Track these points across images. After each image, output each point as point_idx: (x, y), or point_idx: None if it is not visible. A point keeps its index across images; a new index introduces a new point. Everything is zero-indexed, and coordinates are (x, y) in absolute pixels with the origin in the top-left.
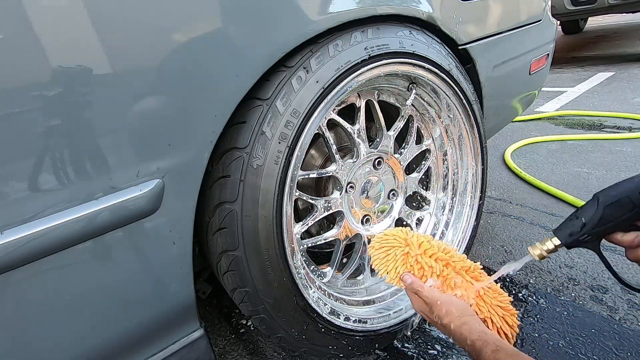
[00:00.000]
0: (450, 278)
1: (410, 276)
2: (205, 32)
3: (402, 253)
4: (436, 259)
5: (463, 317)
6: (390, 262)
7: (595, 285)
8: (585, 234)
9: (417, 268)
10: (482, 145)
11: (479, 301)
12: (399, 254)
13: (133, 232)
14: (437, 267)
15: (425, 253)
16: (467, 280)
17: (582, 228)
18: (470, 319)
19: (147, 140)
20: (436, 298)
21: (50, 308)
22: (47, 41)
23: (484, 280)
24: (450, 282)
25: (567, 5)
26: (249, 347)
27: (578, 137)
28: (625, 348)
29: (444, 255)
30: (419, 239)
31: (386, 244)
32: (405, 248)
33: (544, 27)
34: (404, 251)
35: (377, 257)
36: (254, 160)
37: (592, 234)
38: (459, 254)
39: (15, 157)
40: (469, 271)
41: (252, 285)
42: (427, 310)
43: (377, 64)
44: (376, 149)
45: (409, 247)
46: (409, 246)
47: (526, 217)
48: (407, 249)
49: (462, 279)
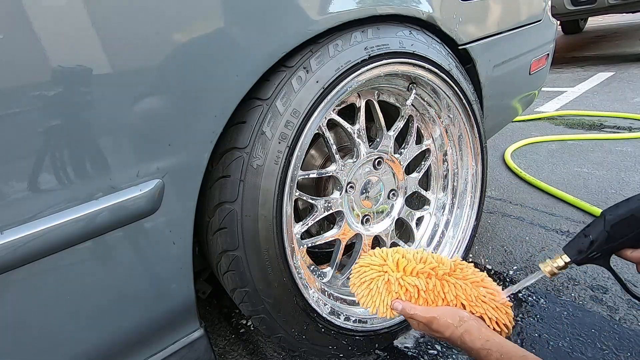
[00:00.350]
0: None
1: (399, 303)
2: (205, 32)
3: (383, 282)
4: (417, 274)
5: (461, 325)
6: (375, 297)
7: (595, 285)
8: (594, 252)
9: (403, 292)
10: (482, 145)
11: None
12: (381, 284)
13: (133, 232)
14: (421, 283)
15: (405, 271)
16: (452, 283)
17: (590, 246)
18: (469, 324)
19: (147, 140)
20: (430, 314)
21: (50, 308)
22: (47, 41)
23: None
24: (438, 292)
25: (567, 5)
26: (249, 347)
27: (578, 137)
28: (625, 348)
29: (422, 266)
30: (394, 257)
31: (365, 277)
32: (384, 275)
33: (544, 27)
34: (385, 279)
35: (361, 295)
36: (254, 160)
37: (600, 252)
38: (435, 256)
39: (15, 157)
40: (451, 272)
41: (252, 285)
42: (428, 329)
43: (377, 64)
44: (376, 149)
45: (387, 273)
46: (387, 272)
47: (526, 217)
48: (386, 275)
49: (448, 284)
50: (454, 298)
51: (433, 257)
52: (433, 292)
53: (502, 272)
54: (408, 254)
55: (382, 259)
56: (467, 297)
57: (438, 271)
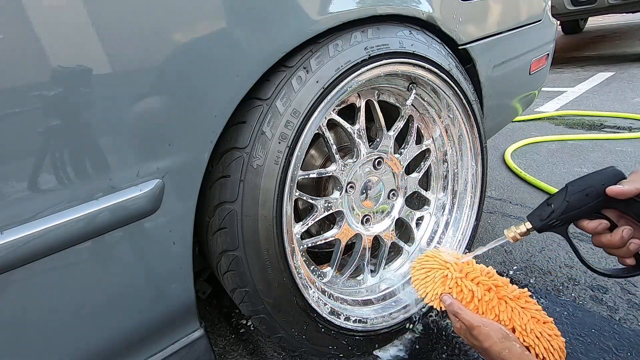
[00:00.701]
0: (493, 304)
1: (449, 297)
2: (205, 32)
3: (441, 275)
4: (478, 283)
5: (503, 342)
6: (429, 284)
7: (595, 285)
8: (554, 220)
9: (457, 291)
10: (482, 145)
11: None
12: (438, 276)
13: (133, 232)
14: (479, 290)
15: (467, 276)
16: (512, 307)
17: (551, 214)
18: (512, 345)
19: (147, 140)
20: (476, 321)
21: (50, 308)
22: (47, 41)
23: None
24: (492, 307)
25: (567, 5)
26: (249, 347)
27: (578, 137)
28: (625, 348)
29: (486, 279)
30: (460, 262)
31: (426, 265)
32: (445, 270)
33: (544, 27)
34: (444, 274)
35: (416, 277)
36: (254, 160)
37: (560, 220)
38: (503, 279)
39: (15, 157)
40: (515, 298)
41: (252, 285)
42: (467, 333)
43: (377, 64)
44: (376, 149)
45: (448, 269)
46: (448, 269)
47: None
48: (446, 271)
49: (506, 305)
50: (507, 319)
51: (501, 279)
52: (487, 305)
53: (502, 272)
54: (476, 265)
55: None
56: (522, 325)
57: (500, 290)
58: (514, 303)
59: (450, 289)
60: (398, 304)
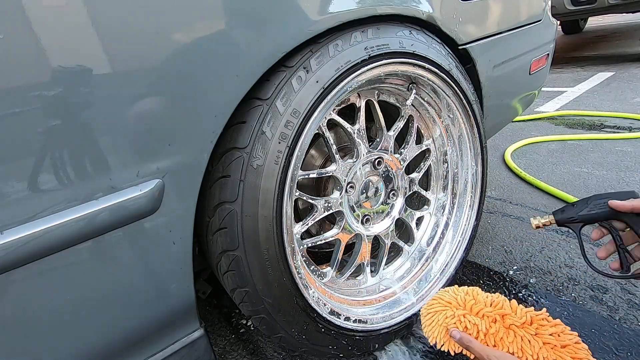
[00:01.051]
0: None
1: (458, 332)
2: (205, 32)
3: (444, 316)
4: (482, 316)
5: None
6: (435, 328)
7: (595, 285)
8: (574, 217)
9: (462, 328)
10: (482, 145)
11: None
12: (442, 318)
13: (133, 232)
14: (483, 324)
15: (471, 311)
16: (521, 336)
17: (572, 212)
18: None
19: (147, 140)
20: (486, 353)
21: (50, 308)
22: (47, 41)
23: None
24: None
25: (567, 5)
26: (249, 347)
27: (578, 137)
28: (625, 348)
29: (490, 310)
30: (464, 297)
31: (431, 309)
32: (447, 311)
33: (544, 27)
34: (446, 314)
35: (424, 324)
36: (254, 160)
37: (578, 217)
38: (512, 305)
39: (15, 157)
40: (524, 325)
41: (252, 285)
42: None
43: (377, 64)
44: (376, 149)
45: (450, 308)
46: (450, 308)
47: (526, 217)
48: (449, 311)
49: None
50: (518, 350)
51: (509, 304)
52: (494, 337)
53: (502, 272)
54: (480, 296)
55: (452, 296)
56: (533, 354)
57: (506, 319)
58: (523, 331)
59: (455, 326)
60: (398, 304)
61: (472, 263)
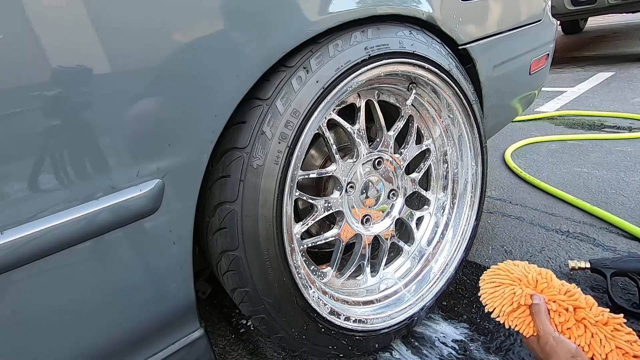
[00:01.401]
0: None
1: (540, 298)
2: (205, 32)
3: (511, 292)
4: (554, 302)
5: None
6: (496, 299)
7: (595, 285)
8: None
9: None
10: (482, 145)
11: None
12: (508, 292)
13: (133, 232)
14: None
15: (541, 293)
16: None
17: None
18: None
19: (147, 140)
20: (550, 332)
21: (50, 308)
22: (47, 41)
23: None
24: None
25: (567, 5)
26: (249, 347)
27: (578, 137)
28: None
29: (563, 298)
30: (535, 276)
31: (496, 278)
32: (514, 287)
33: (544, 27)
34: (512, 290)
35: (485, 291)
36: (254, 160)
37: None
38: (588, 299)
39: (15, 157)
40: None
41: (252, 285)
42: (537, 345)
43: (377, 64)
44: (376, 149)
45: (519, 285)
46: (519, 285)
47: (526, 217)
48: (517, 288)
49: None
50: (585, 346)
51: (584, 299)
52: (561, 327)
53: None
54: (555, 282)
55: (523, 272)
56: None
57: (579, 312)
58: (597, 329)
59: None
60: (398, 304)
61: (472, 263)
